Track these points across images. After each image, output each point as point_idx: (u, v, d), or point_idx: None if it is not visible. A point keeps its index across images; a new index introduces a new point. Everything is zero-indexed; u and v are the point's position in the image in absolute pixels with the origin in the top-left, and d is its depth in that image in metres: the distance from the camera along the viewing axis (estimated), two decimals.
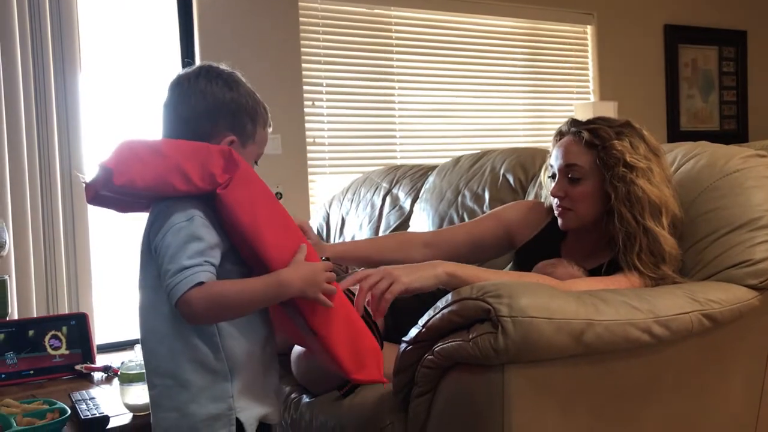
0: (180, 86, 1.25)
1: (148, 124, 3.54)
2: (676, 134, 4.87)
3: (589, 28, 4.67)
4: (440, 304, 1.32)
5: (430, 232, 2.03)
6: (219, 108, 1.23)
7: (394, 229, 2.64)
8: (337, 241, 2.88)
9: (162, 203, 1.18)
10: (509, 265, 1.82)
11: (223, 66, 1.27)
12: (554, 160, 1.65)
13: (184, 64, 3.55)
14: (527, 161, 2.21)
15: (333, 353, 1.22)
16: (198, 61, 3.50)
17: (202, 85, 1.23)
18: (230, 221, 1.16)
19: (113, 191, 1.18)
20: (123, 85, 3.51)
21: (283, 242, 1.19)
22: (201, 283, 1.10)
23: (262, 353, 1.25)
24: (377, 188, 2.81)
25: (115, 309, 3.32)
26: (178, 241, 1.13)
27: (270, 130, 1.33)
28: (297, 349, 1.68)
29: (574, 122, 1.65)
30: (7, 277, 1.98)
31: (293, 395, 1.71)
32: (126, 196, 1.21)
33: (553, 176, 1.66)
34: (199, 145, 1.19)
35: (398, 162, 3.83)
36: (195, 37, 3.53)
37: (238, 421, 1.20)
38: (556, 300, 1.25)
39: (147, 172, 1.13)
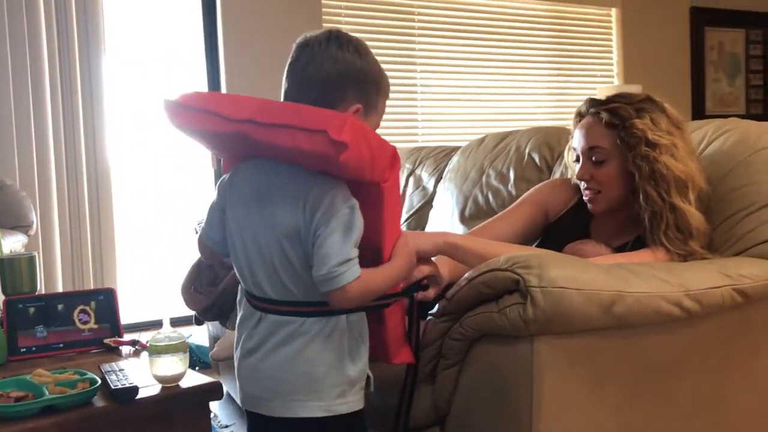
0: (310, 49, 1.20)
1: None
2: (701, 119, 4.81)
3: (613, 11, 4.61)
4: (469, 275, 1.31)
5: (477, 231, 1.76)
6: (349, 75, 1.20)
7: (417, 210, 2.64)
8: None
9: (318, 181, 1.14)
10: (536, 242, 1.81)
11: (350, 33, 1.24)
12: (576, 143, 1.62)
13: (207, 46, 3.57)
14: (553, 140, 2.19)
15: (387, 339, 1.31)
16: (221, 42, 3.50)
17: (333, 50, 1.19)
18: (378, 212, 1.16)
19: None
20: (146, 66, 3.53)
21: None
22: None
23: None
24: (400, 169, 2.80)
25: (138, 289, 3.35)
26: (342, 230, 1.11)
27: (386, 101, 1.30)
28: None
29: (592, 102, 1.62)
30: (35, 253, 2.00)
31: None
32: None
33: (577, 159, 1.63)
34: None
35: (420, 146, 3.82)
36: (218, 24, 3.54)
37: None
38: (586, 271, 1.24)
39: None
